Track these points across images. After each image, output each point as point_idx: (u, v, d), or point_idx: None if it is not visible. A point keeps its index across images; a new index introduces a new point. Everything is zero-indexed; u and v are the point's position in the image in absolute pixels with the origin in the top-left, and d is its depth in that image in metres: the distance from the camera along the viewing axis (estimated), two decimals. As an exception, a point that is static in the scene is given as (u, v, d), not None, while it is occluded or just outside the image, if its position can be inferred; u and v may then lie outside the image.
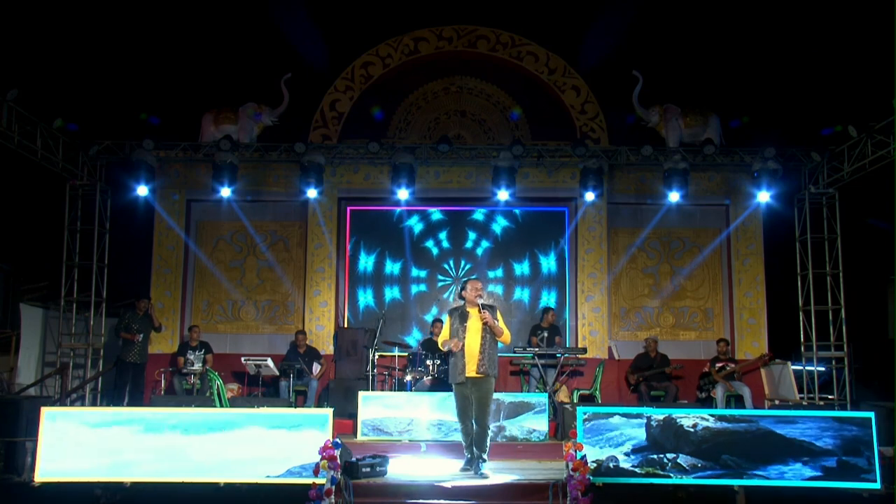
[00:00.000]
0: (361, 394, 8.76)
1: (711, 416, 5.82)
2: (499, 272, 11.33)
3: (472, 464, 6.37)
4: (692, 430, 5.73)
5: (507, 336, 6.53)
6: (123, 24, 10.88)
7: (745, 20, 11.06)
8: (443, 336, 6.74)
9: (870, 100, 9.32)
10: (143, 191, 10.45)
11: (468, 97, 11.59)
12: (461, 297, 6.65)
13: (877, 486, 5.62)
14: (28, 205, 11.49)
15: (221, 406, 9.32)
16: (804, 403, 9.88)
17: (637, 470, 5.68)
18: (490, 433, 6.61)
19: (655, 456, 5.70)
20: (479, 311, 6.45)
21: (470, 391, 6.43)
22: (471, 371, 6.39)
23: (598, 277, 11.01)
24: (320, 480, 5.46)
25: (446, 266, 11.30)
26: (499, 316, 6.55)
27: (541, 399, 8.68)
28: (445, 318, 6.74)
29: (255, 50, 10.99)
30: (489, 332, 6.45)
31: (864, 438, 5.67)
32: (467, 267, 11.22)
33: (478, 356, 6.39)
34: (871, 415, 5.80)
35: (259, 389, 9.88)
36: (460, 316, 6.55)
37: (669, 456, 5.69)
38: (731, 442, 5.70)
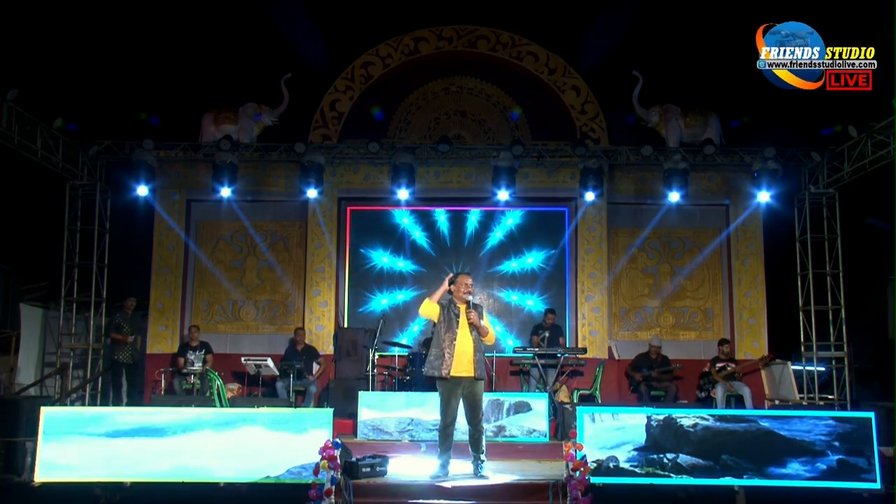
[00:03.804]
0: (361, 394, 8.76)
1: (711, 416, 5.82)
2: (498, 272, 11.32)
3: (445, 469, 6.12)
4: (692, 430, 5.72)
5: (492, 336, 6.30)
6: (123, 24, 10.87)
7: (745, 20, 11.04)
8: (433, 304, 6.27)
9: (870, 100, 9.30)
10: (143, 191, 10.46)
11: (468, 97, 11.59)
12: (449, 292, 6.34)
13: (877, 486, 5.62)
14: (28, 205, 11.47)
15: (221, 406, 9.32)
16: (804, 403, 9.88)
17: (637, 470, 5.67)
18: (485, 433, 6.34)
19: (655, 456, 5.69)
20: (466, 311, 6.21)
21: (461, 392, 6.17)
22: (463, 371, 6.12)
23: (598, 277, 11.00)
24: (320, 480, 5.46)
25: (446, 266, 11.27)
26: (484, 315, 6.33)
27: (541, 399, 8.68)
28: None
29: (255, 50, 10.98)
30: (478, 332, 6.21)
31: (864, 438, 5.67)
32: (467, 267, 11.20)
33: (473, 356, 6.13)
34: (871, 415, 5.80)
35: (259, 389, 9.89)
36: (450, 311, 6.25)
37: (669, 456, 5.68)
38: (731, 442, 5.69)
